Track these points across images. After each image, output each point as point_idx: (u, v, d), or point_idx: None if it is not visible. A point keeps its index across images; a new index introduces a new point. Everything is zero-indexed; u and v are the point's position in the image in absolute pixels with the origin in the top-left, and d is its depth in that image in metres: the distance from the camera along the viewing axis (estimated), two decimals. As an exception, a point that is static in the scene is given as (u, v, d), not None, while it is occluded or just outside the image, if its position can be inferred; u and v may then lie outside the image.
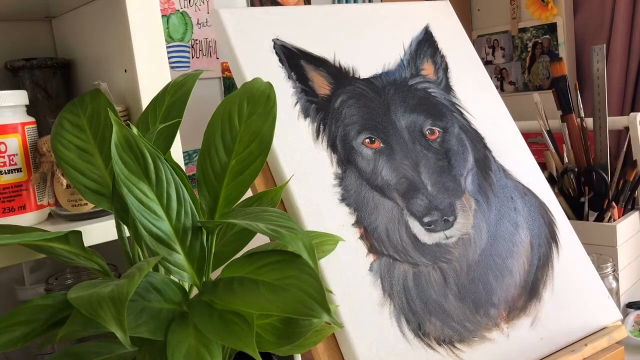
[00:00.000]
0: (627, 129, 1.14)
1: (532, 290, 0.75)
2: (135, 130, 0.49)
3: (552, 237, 0.81)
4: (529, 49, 1.49)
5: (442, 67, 0.87)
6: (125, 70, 0.69)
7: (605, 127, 1.09)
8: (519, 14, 1.50)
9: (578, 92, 1.13)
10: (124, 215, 0.54)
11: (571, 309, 0.77)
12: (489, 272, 0.73)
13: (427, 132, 0.79)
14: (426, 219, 0.72)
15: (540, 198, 0.83)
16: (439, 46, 0.88)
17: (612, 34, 1.36)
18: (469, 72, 0.89)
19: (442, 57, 0.88)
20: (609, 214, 1.07)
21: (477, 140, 0.83)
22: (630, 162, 1.10)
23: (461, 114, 0.84)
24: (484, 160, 0.81)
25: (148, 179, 0.48)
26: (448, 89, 0.85)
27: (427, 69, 0.85)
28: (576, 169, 1.11)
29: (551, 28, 1.44)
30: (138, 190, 0.48)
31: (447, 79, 0.87)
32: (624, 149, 1.11)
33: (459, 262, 0.72)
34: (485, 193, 0.78)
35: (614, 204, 1.07)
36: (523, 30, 1.49)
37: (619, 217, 1.09)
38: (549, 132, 1.14)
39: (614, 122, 1.14)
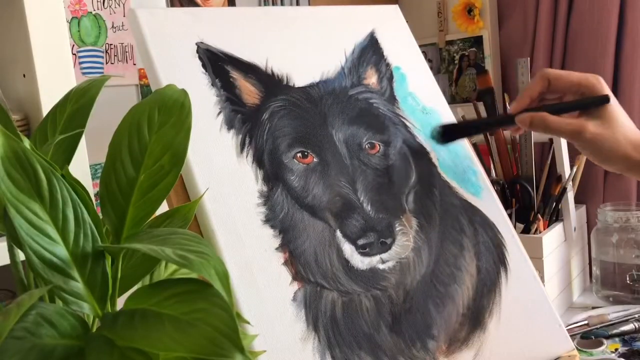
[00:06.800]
0: (551, 140, 1.16)
1: (475, 319, 0.70)
2: (27, 142, 0.44)
3: (500, 260, 0.74)
4: (456, 62, 1.50)
5: (386, 76, 0.80)
6: (24, 75, 0.62)
7: (531, 139, 1.11)
8: (446, 26, 1.51)
9: (507, 103, 1.14)
10: (17, 238, 0.47)
11: (519, 340, 0.71)
12: (429, 300, 0.68)
13: (366, 146, 0.72)
14: (361, 242, 0.65)
15: (489, 218, 0.77)
16: (384, 53, 0.82)
17: (534, 48, 1.39)
18: (417, 82, 0.82)
19: (388, 65, 0.81)
20: (535, 225, 1.08)
21: (421, 155, 0.77)
22: (555, 177, 1.12)
23: (405, 126, 0.77)
24: (429, 176, 0.75)
25: (40, 198, 0.42)
26: (392, 99, 0.79)
27: (370, 78, 0.79)
28: (502, 182, 1.12)
29: (477, 41, 1.46)
30: (28, 211, 0.42)
31: (391, 88, 0.80)
32: (548, 161, 1.12)
33: (395, 289, 0.66)
34: (428, 212, 0.72)
35: (539, 216, 1.09)
36: (450, 42, 1.50)
37: (544, 229, 1.10)
38: (474, 145, 1.14)
39: (539, 134, 1.16)
